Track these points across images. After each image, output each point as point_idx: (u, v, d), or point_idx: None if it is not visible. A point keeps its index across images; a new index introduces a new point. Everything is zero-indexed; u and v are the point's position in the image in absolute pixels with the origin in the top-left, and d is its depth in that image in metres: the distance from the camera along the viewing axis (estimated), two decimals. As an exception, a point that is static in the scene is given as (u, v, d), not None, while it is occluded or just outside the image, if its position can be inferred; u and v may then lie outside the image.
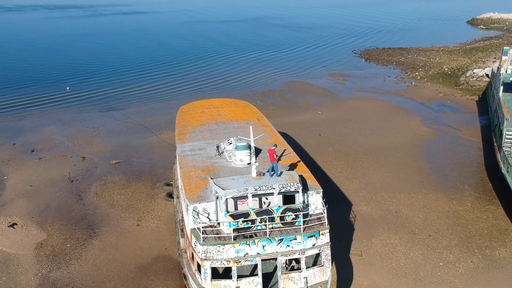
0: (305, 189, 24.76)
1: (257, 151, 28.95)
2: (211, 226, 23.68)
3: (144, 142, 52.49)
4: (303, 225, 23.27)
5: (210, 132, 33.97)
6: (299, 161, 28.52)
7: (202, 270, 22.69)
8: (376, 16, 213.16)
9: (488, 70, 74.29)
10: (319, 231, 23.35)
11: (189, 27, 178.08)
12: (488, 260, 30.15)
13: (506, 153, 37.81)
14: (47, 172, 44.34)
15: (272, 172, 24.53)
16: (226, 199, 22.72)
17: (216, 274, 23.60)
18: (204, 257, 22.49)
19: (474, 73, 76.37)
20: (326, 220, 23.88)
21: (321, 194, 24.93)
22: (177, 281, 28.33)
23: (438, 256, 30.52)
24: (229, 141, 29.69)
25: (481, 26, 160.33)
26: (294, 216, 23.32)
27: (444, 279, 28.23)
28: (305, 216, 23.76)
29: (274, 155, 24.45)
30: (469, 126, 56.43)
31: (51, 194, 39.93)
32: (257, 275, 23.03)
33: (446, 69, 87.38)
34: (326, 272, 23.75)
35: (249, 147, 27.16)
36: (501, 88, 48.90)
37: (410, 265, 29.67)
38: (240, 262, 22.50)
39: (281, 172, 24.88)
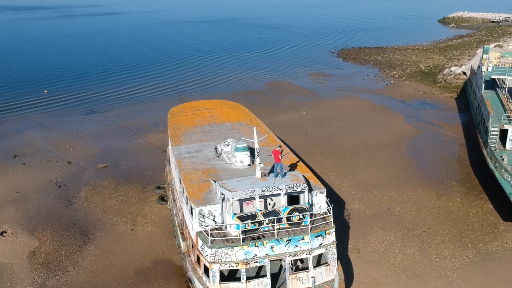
0: (309, 189, 24.84)
1: (254, 152, 28.89)
2: (216, 229, 23.52)
3: (130, 145, 51.76)
4: (310, 225, 23.36)
5: (204, 134, 33.75)
6: (298, 161, 28.66)
7: (211, 273, 22.52)
8: (349, 16, 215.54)
9: (464, 68, 76.08)
10: (325, 231, 23.50)
11: (168, 28, 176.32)
12: (481, 254, 30.89)
13: (492, 148, 38.73)
14: (32, 178, 43.26)
15: (276, 173, 24.55)
16: (234, 201, 22.59)
17: (222, 276, 23.45)
18: (213, 260, 22.33)
19: (451, 71, 78.09)
20: (331, 219, 24.05)
21: (324, 193, 25.09)
22: (178, 284, 28.07)
23: (434, 252, 31.11)
24: (226, 142, 29.58)
25: (453, 25, 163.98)
26: (301, 216, 23.38)
27: (442, 274, 28.79)
28: (311, 216, 23.85)
29: (279, 156, 24.48)
30: (450, 123, 57.64)
31: (39, 200, 38.98)
32: (264, 276, 23.03)
33: (423, 67, 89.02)
34: (332, 271, 23.93)
35: (249, 148, 27.21)
36: (483, 85, 50.11)
37: (408, 261, 30.15)
38: (248, 264, 22.44)
39: (285, 173, 24.92)
